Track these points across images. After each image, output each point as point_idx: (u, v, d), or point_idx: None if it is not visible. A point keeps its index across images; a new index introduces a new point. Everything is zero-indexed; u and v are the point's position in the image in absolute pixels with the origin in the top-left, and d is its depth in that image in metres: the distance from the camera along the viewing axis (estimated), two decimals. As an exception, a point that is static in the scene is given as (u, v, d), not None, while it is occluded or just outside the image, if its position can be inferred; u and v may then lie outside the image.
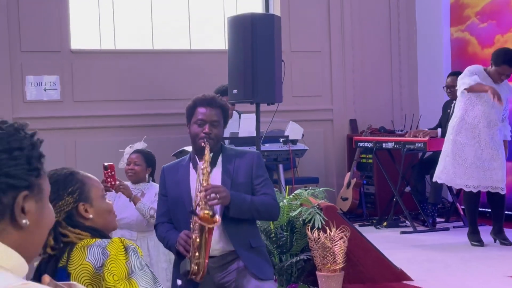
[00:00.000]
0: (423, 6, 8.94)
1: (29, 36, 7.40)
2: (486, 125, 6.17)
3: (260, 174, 3.80)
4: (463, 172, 6.19)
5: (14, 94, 7.36)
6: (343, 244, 4.51)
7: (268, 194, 3.78)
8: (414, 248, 6.27)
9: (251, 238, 3.78)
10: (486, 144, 6.17)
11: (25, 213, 1.34)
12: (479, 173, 6.15)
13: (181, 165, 3.85)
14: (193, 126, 3.75)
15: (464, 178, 6.19)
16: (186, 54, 8.09)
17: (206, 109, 3.74)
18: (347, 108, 8.74)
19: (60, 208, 2.34)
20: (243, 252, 3.71)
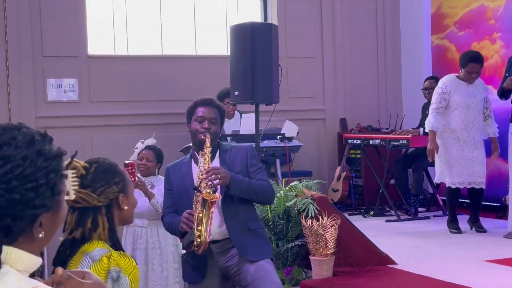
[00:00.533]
0: (406, 16, 8.93)
1: (50, 43, 7.39)
2: (463, 127, 6.17)
3: (254, 163, 3.82)
4: (449, 171, 6.20)
5: (36, 95, 7.35)
6: (334, 231, 4.50)
7: (264, 180, 3.79)
8: (398, 235, 6.27)
9: (248, 221, 3.78)
10: (465, 144, 6.17)
11: (42, 226, 1.28)
12: (462, 171, 6.16)
13: (183, 163, 3.88)
14: (194, 123, 3.78)
15: (450, 176, 6.20)
16: (192, 59, 8.08)
17: (206, 108, 3.77)
18: (338, 108, 8.73)
19: (106, 194, 2.30)
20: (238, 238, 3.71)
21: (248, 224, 3.76)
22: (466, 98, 6.16)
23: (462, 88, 6.20)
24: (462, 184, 6.18)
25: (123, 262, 2.21)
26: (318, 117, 8.65)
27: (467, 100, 6.16)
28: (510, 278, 4.47)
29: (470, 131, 6.17)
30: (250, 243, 3.73)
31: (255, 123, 5.85)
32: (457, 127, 6.17)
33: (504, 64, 6.90)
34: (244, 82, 5.71)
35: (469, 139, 6.16)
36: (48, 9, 7.36)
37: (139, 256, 4.92)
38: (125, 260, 2.22)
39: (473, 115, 6.18)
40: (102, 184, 2.31)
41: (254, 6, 8.56)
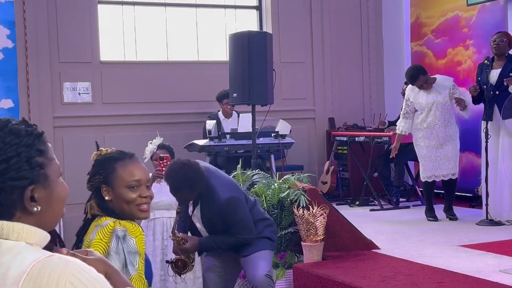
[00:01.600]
0: (388, 25, 8.93)
1: (66, 50, 7.36)
2: (427, 127, 6.24)
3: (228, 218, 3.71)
4: (425, 166, 6.24)
5: (54, 97, 7.33)
6: (323, 220, 4.50)
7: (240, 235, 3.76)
8: (381, 223, 6.27)
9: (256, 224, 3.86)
10: (430, 142, 6.22)
11: (36, 201, 1.26)
12: (431, 166, 6.20)
13: None
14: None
15: (427, 172, 6.23)
16: (194, 64, 8.06)
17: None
18: (327, 109, 8.72)
19: (90, 182, 2.34)
20: None
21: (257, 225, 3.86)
22: (426, 103, 6.22)
23: (420, 95, 6.26)
24: (430, 178, 6.22)
25: (129, 226, 2.23)
26: (308, 117, 8.65)
27: (426, 104, 6.22)
28: (482, 261, 4.48)
29: (433, 130, 6.21)
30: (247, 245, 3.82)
31: (252, 122, 5.84)
32: (422, 127, 6.24)
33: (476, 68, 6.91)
34: (242, 85, 5.69)
35: (433, 138, 6.21)
36: (64, 19, 7.34)
37: (169, 246, 4.63)
38: (132, 225, 2.24)
39: (436, 115, 6.20)
40: (90, 172, 2.36)
41: (250, 16, 8.55)
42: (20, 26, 7.09)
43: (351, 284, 3.98)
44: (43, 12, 7.24)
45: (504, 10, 7.16)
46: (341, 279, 4.10)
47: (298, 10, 8.54)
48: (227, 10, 8.41)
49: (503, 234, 5.34)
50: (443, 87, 6.25)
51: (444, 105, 6.20)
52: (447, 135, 6.21)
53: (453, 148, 6.23)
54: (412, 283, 3.94)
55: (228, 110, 7.33)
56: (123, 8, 7.86)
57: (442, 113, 6.20)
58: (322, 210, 4.49)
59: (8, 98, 7.00)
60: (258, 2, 8.53)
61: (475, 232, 5.56)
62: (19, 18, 7.07)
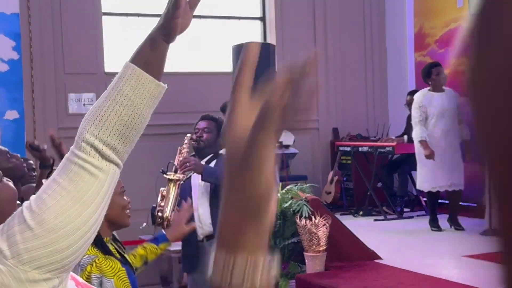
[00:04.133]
0: (392, 35, 8.94)
1: (71, 61, 7.40)
2: (441, 135, 6.18)
3: None
4: (429, 176, 6.19)
5: (59, 108, 7.36)
6: (326, 230, 4.49)
7: None
8: (384, 233, 6.25)
9: None
10: (444, 151, 6.16)
11: None
12: (443, 175, 6.16)
13: None
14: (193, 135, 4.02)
15: (430, 181, 6.19)
16: (199, 75, 8.09)
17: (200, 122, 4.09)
18: (330, 119, 8.73)
19: None
20: None
21: None
22: (440, 108, 6.18)
23: (435, 99, 6.22)
24: (442, 188, 6.17)
25: (105, 267, 2.15)
26: (312, 127, 8.65)
27: (441, 110, 6.18)
28: (486, 272, 4.45)
29: (447, 137, 6.17)
30: None
31: (255, 133, 5.84)
32: (436, 135, 6.18)
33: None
34: (245, 96, 5.70)
35: (446, 145, 6.16)
36: (69, 30, 7.38)
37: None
38: (108, 264, 2.16)
39: (448, 122, 6.18)
40: None
41: (254, 27, 8.58)
42: (26, 38, 7.13)
43: (354, 295, 3.97)
44: (48, 24, 7.28)
45: (507, 20, 7.16)
46: (343, 290, 4.09)
47: (301, 21, 8.57)
48: (231, 21, 8.45)
49: (507, 244, 5.31)
50: (454, 97, 6.30)
51: (455, 113, 6.22)
52: (457, 144, 6.21)
53: (460, 156, 6.22)
54: (414, 294, 3.92)
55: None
56: (127, 19, 7.90)
57: (455, 120, 6.21)
58: (325, 220, 4.48)
59: (13, 109, 7.03)
60: (262, 13, 8.57)
61: (479, 242, 5.52)
62: (25, 30, 7.12)
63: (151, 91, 1.25)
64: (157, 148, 7.45)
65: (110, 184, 1.18)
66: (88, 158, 1.17)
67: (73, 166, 1.16)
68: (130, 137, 1.22)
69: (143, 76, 1.23)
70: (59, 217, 1.11)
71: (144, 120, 1.25)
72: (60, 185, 1.14)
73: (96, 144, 1.18)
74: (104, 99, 1.21)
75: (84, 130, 1.20)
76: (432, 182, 6.18)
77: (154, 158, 7.38)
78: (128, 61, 1.26)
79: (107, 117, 1.19)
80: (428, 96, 6.24)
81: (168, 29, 1.28)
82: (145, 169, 7.14)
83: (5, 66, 6.96)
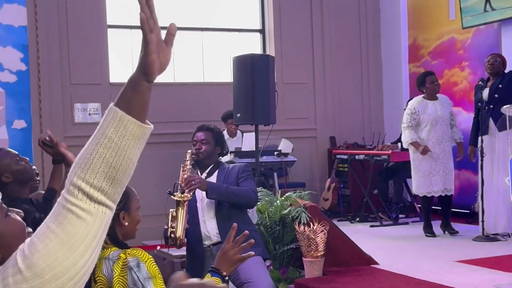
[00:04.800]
0: (387, 47, 8.98)
1: (77, 72, 7.43)
2: (435, 142, 6.19)
3: (244, 175, 3.82)
4: (423, 182, 6.20)
5: (65, 118, 7.38)
6: (324, 236, 4.51)
7: (246, 186, 3.78)
8: (380, 238, 6.26)
9: (242, 226, 3.77)
10: (437, 156, 6.18)
11: None
12: (436, 181, 6.17)
13: None
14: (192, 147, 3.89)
15: (425, 187, 6.20)
16: (200, 86, 8.12)
17: (198, 132, 3.90)
18: (328, 128, 8.75)
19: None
20: None
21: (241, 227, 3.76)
22: (434, 115, 6.20)
23: (429, 106, 6.25)
24: (437, 193, 6.20)
25: (137, 253, 2.24)
26: (310, 136, 8.68)
27: (435, 117, 6.20)
28: (478, 276, 4.47)
29: (440, 143, 6.20)
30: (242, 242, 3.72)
31: (255, 141, 5.86)
32: (430, 142, 6.19)
33: (472, 88, 6.95)
34: (245, 106, 5.73)
35: (440, 151, 6.19)
36: (75, 42, 7.41)
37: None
38: (139, 252, 2.25)
39: (442, 129, 6.21)
40: None
41: (254, 39, 8.62)
42: (33, 49, 7.16)
43: (351, 299, 3.98)
44: (55, 36, 7.32)
45: (498, 33, 7.20)
46: (341, 294, 4.10)
47: (300, 33, 8.61)
48: (231, 34, 8.48)
49: (499, 250, 5.33)
50: (449, 104, 6.33)
51: (448, 121, 6.24)
52: (450, 150, 6.24)
53: (452, 163, 6.25)
54: (409, 298, 3.93)
55: (232, 130, 7.37)
56: (131, 32, 7.94)
57: (447, 128, 6.23)
58: (323, 226, 4.50)
59: (21, 119, 7.05)
60: (261, 25, 8.61)
61: (471, 247, 5.55)
62: (32, 42, 7.15)
63: (133, 132, 1.22)
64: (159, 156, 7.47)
65: (100, 226, 1.17)
66: (76, 201, 1.15)
67: (62, 210, 1.15)
68: (117, 178, 1.19)
69: (124, 118, 1.21)
70: (47, 260, 1.11)
71: (130, 161, 1.22)
72: (50, 228, 1.14)
73: (83, 186, 1.16)
74: (89, 142, 1.20)
75: (72, 173, 1.18)
76: (428, 187, 6.20)
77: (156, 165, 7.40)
78: (112, 104, 1.24)
79: (92, 160, 1.17)
80: (422, 104, 6.27)
81: (145, 68, 1.26)
82: (146, 176, 7.16)
83: (13, 77, 6.99)
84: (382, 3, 8.98)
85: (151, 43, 1.23)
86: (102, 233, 1.18)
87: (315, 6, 8.65)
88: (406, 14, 8.58)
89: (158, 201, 4.54)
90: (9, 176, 2.88)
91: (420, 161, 6.22)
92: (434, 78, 6.30)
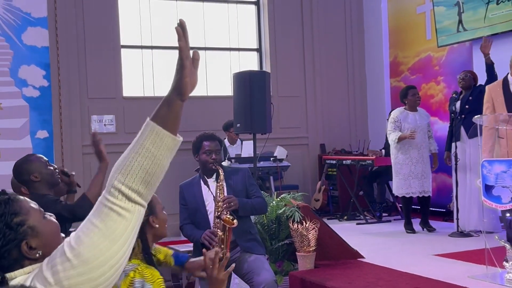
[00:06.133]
0: (371, 63, 9.00)
1: (94, 87, 7.44)
2: (413, 148, 6.20)
3: (252, 183, 3.87)
4: (403, 183, 6.21)
5: (83, 128, 7.38)
6: (315, 233, 4.50)
7: (260, 197, 3.86)
8: (366, 235, 6.25)
9: (249, 228, 3.82)
10: (417, 161, 6.19)
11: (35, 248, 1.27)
12: (414, 183, 6.18)
13: (195, 183, 3.86)
14: (202, 156, 3.76)
15: (404, 188, 6.21)
16: (204, 99, 8.12)
17: (210, 142, 3.76)
18: (318, 136, 8.76)
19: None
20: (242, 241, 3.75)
21: (249, 230, 3.81)
22: (413, 125, 6.22)
23: (410, 117, 6.27)
24: (414, 194, 6.20)
25: (147, 273, 2.11)
26: (302, 143, 8.68)
27: (415, 126, 6.21)
28: (453, 268, 4.47)
29: (419, 150, 6.21)
30: (250, 242, 3.77)
31: (253, 148, 5.86)
32: (409, 148, 6.21)
33: (447, 100, 6.97)
34: (244, 116, 5.73)
35: (419, 157, 6.20)
36: (92, 61, 7.42)
37: None
38: (149, 272, 2.12)
39: (421, 137, 6.22)
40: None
41: (252, 57, 8.64)
42: (54, 67, 7.17)
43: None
44: (74, 55, 7.33)
45: (470, 50, 7.23)
46: (330, 285, 4.09)
47: (293, 51, 8.63)
48: (231, 52, 8.50)
49: (472, 244, 5.32)
50: (426, 115, 6.35)
51: (426, 130, 6.26)
52: (427, 156, 6.25)
53: (429, 167, 6.27)
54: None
55: (234, 137, 7.37)
56: (142, 51, 7.95)
57: (425, 137, 6.25)
58: (314, 224, 4.50)
59: (44, 129, 7.05)
60: (258, 45, 8.63)
61: (447, 243, 5.55)
62: (54, 61, 7.16)
63: (168, 144, 1.28)
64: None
65: (136, 222, 1.22)
66: (116, 201, 1.21)
67: (104, 208, 1.20)
68: (151, 182, 1.25)
69: (161, 132, 1.27)
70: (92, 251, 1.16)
71: (163, 168, 1.28)
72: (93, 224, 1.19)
73: (123, 189, 1.21)
74: (129, 152, 1.27)
75: (112, 177, 1.24)
76: (406, 189, 6.21)
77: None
78: (149, 119, 1.30)
79: (131, 167, 1.23)
80: (403, 114, 6.29)
81: (180, 89, 1.32)
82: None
83: (36, 92, 6.99)
84: (366, 24, 9.01)
85: (186, 68, 1.30)
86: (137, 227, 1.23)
87: (306, 28, 8.68)
88: (388, 34, 8.61)
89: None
90: (37, 176, 3.01)
91: (401, 165, 6.23)
92: (415, 91, 6.33)
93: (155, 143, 1.26)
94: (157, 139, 1.27)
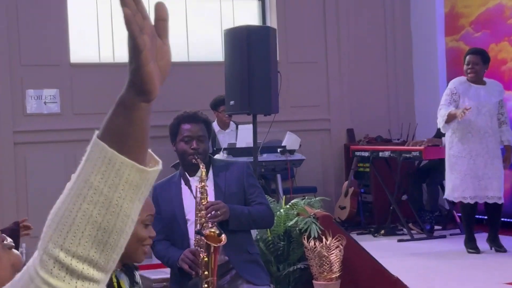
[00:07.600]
0: (418, 16, 8.98)
1: (29, 50, 7.43)
2: (475, 135, 6.17)
3: (252, 183, 3.83)
4: (459, 184, 6.20)
5: (14, 108, 7.38)
6: (339, 253, 4.50)
7: (263, 204, 3.82)
8: (411, 256, 6.27)
9: (248, 246, 3.82)
10: (477, 153, 6.17)
11: None
12: (474, 184, 6.15)
13: (173, 182, 3.82)
14: (180, 144, 3.71)
15: (461, 190, 6.20)
16: (183, 66, 8.09)
17: (191, 125, 3.70)
18: (344, 118, 8.76)
19: None
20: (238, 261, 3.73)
21: (247, 248, 3.80)
22: (476, 102, 6.17)
23: (472, 91, 6.22)
24: (473, 199, 6.17)
25: None
26: (322, 128, 8.68)
27: (477, 104, 6.17)
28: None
29: (483, 139, 6.17)
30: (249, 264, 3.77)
31: (253, 136, 5.85)
32: (467, 135, 6.17)
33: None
34: (240, 91, 5.72)
35: (481, 149, 6.16)
36: (27, 15, 7.40)
37: None
38: None
39: (485, 121, 6.18)
40: None
41: (251, 8, 8.61)
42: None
43: (374, 332, 3.99)
44: (1, 8, 7.30)
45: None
46: (361, 326, 4.11)
47: (308, 1, 8.61)
48: (222, 1, 8.48)
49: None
50: (499, 91, 6.31)
51: (495, 111, 6.22)
52: (497, 148, 6.21)
53: (500, 163, 6.23)
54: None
55: (225, 120, 7.37)
56: (97, 2, 7.93)
57: (494, 120, 6.21)
58: (338, 241, 4.50)
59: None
60: (260, -10, 8.62)
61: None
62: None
63: (131, 180, 1.03)
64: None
65: None
66: (49, 278, 0.99)
67: (31, 286, 1.01)
68: (110, 242, 1.02)
69: (117, 160, 1.03)
70: None
71: (127, 217, 1.04)
72: None
73: (61, 257, 0.99)
74: (67, 193, 1.03)
75: (45, 237, 1.01)
76: (462, 191, 6.18)
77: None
78: (96, 136, 1.07)
79: (73, 219, 1.00)
80: (465, 85, 6.27)
81: (140, 84, 1.07)
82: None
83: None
84: (411, -39, 9.00)
85: (143, 49, 1.04)
86: None
87: (327, -34, 8.66)
88: (442, -25, 8.59)
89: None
90: None
91: (456, 159, 6.22)
92: (472, 58, 6.27)
93: (109, 179, 1.02)
94: (112, 172, 1.02)
